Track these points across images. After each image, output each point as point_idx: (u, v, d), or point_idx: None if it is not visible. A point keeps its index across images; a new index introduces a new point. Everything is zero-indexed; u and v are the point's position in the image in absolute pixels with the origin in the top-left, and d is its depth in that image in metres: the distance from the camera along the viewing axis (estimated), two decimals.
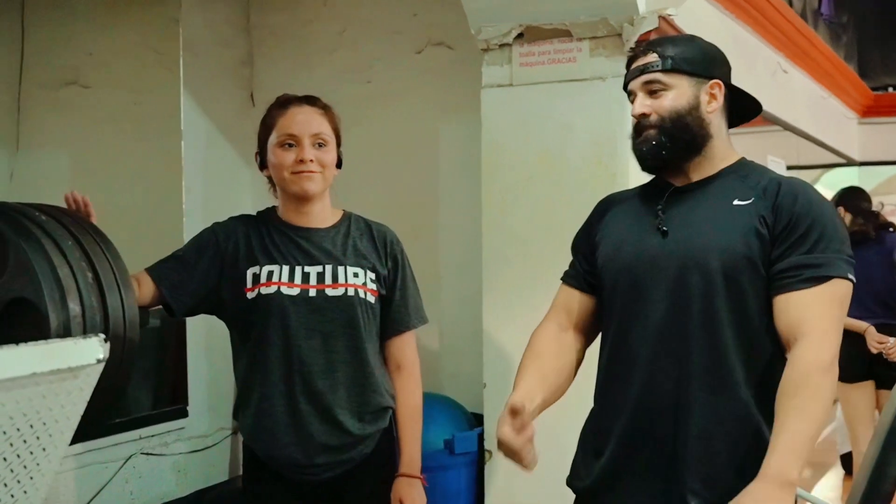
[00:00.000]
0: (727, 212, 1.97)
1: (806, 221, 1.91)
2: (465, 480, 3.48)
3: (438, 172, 4.03)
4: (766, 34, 5.12)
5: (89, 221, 1.78)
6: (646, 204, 2.11)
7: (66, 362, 1.31)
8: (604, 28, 3.26)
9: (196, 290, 2.31)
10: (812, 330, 1.85)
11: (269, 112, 2.41)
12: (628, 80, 2.12)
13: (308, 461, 2.30)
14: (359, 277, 2.34)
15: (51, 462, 1.42)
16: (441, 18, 3.93)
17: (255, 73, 4.40)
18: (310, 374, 2.28)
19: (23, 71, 4.59)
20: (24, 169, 4.62)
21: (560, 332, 2.17)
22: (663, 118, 2.02)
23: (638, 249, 2.03)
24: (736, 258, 1.93)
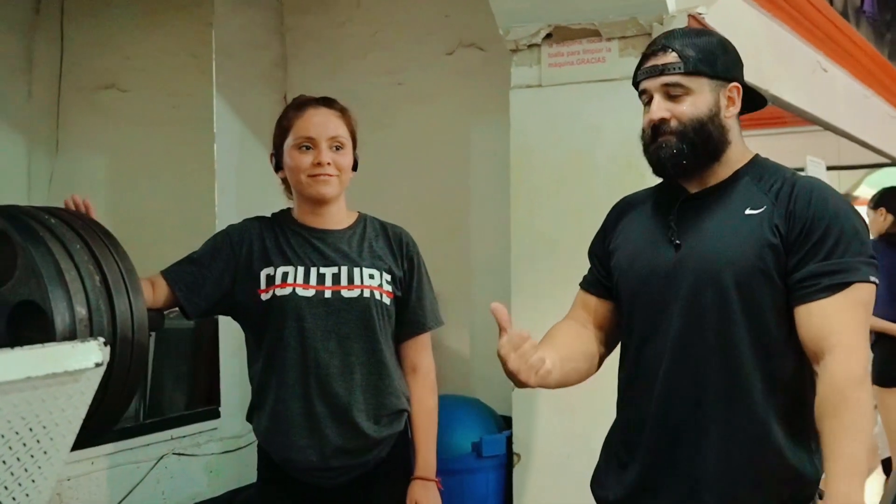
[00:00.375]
0: (739, 222, 1.91)
1: (821, 226, 1.84)
2: (493, 484, 3.46)
3: (469, 174, 4.02)
4: (805, 32, 5.03)
5: (100, 224, 1.79)
6: (659, 211, 2.05)
7: (62, 366, 1.32)
8: (633, 28, 3.23)
9: (210, 293, 2.31)
10: (839, 343, 1.79)
11: (285, 114, 2.41)
12: (642, 78, 2.02)
13: (323, 464, 2.29)
14: (374, 279, 2.33)
15: (53, 465, 1.43)
16: (472, 19, 3.92)
17: (289, 75, 4.43)
18: (326, 377, 2.27)
19: (62, 75, 4.67)
20: (63, 171, 4.69)
21: (580, 327, 2.14)
22: (684, 125, 1.94)
23: (652, 263, 1.98)
24: (749, 271, 1.87)
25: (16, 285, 1.54)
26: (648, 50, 2.04)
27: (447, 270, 4.12)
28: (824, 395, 1.79)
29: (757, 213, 1.90)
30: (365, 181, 4.23)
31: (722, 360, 1.88)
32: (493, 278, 3.82)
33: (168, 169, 4.43)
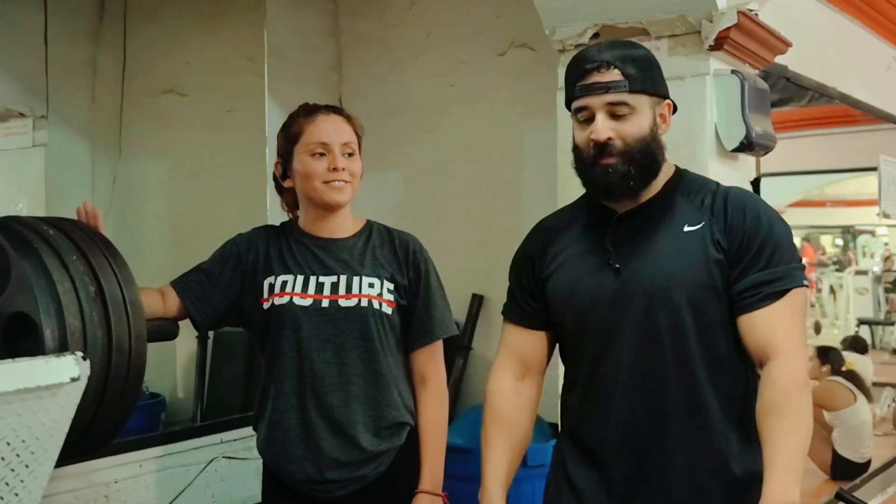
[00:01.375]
0: (681, 240, 1.90)
1: (758, 238, 1.88)
2: (539, 493, 3.38)
3: (521, 176, 3.97)
4: (878, 27, 4.85)
5: (101, 235, 1.78)
6: (590, 234, 1.98)
7: (34, 381, 1.30)
8: (682, 25, 3.13)
9: (219, 303, 2.29)
10: (782, 348, 1.84)
11: (292, 121, 2.36)
12: (583, 94, 1.91)
13: (320, 476, 2.24)
14: (374, 288, 2.26)
15: (37, 479, 1.42)
16: (523, 19, 3.86)
17: (343, 77, 4.42)
18: (322, 387, 2.23)
19: (124, 80, 4.74)
20: (125, 174, 4.76)
21: (516, 382, 2.09)
22: (629, 146, 1.89)
23: (595, 288, 1.92)
24: (701, 290, 1.88)
25: (9, 297, 1.54)
26: (584, 65, 1.92)
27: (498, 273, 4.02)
28: (767, 398, 1.83)
29: (696, 229, 1.90)
30: (418, 183, 4.25)
31: (680, 379, 1.88)
32: None
33: (224, 172, 4.47)
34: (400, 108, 4.22)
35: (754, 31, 3.17)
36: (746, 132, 3.12)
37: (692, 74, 3.15)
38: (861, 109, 4.79)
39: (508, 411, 2.07)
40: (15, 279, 1.53)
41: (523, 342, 2.08)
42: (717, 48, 3.11)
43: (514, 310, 2.09)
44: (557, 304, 1.98)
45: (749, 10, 3.09)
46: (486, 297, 4.04)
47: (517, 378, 2.08)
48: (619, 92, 1.87)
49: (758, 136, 3.15)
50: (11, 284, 1.53)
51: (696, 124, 3.15)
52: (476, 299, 4.03)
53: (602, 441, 1.93)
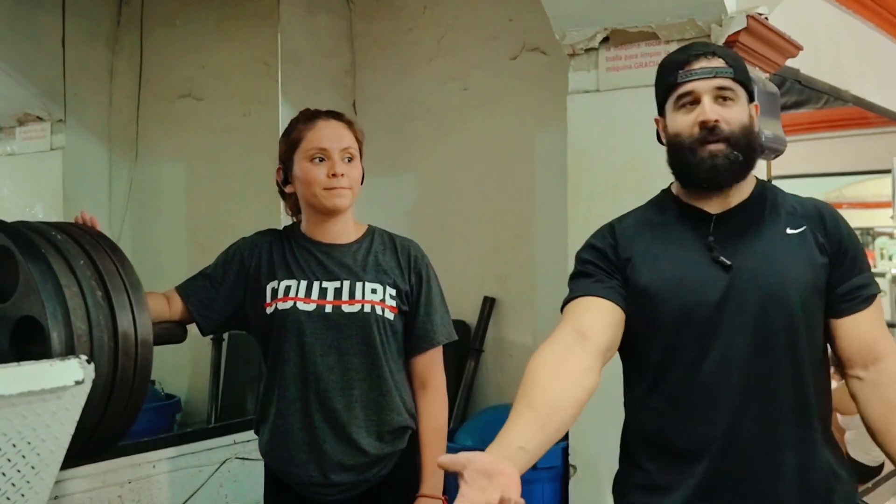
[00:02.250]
0: (786, 242, 1.88)
1: (850, 245, 1.92)
2: (548, 496, 3.40)
3: (534, 180, 3.97)
4: (891, 28, 4.83)
5: (108, 239, 1.81)
6: (683, 229, 1.93)
7: (39, 384, 1.33)
8: (692, 29, 3.13)
9: (223, 308, 2.30)
10: (890, 348, 1.90)
11: (292, 127, 2.37)
12: (690, 78, 1.88)
13: (323, 480, 2.26)
14: (377, 294, 2.28)
15: (43, 480, 1.44)
16: (535, 23, 3.86)
17: (357, 81, 4.44)
18: (325, 392, 2.24)
19: (141, 84, 4.78)
20: (142, 177, 4.80)
21: (564, 351, 1.79)
22: (734, 131, 1.85)
23: (702, 285, 1.86)
24: (810, 291, 1.87)
25: (17, 301, 1.57)
26: (689, 52, 1.92)
27: (512, 277, 4.09)
28: (890, 396, 1.87)
29: (798, 232, 1.90)
30: (431, 186, 4.26)
31: (792, 379, 1.86)
32: (556, 286, 3.74)
33: (241, 175, 4.50)
34: (414, 112, 4.23)
35: (764, 35, 3.18)
36: None
37: None
38: (875, 112, 4.78)
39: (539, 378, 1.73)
40: (23, 283, 1.55)
41: (587, 310, 1.88)
42: None
43: (589, 284, 1.93)
44: (656, 293, 1.87)
45: (759, 13, 3.10)
46: (498, 299, 4.05)
47: (567, 348, 1.79)
48: (725, 77, 1.87)
49: (768, 139, 3.14)
50: (19, 289, 1.56)
51: None
52: (488, 302, 4.05)
53: (704, 441, 1.85)
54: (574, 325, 1.84)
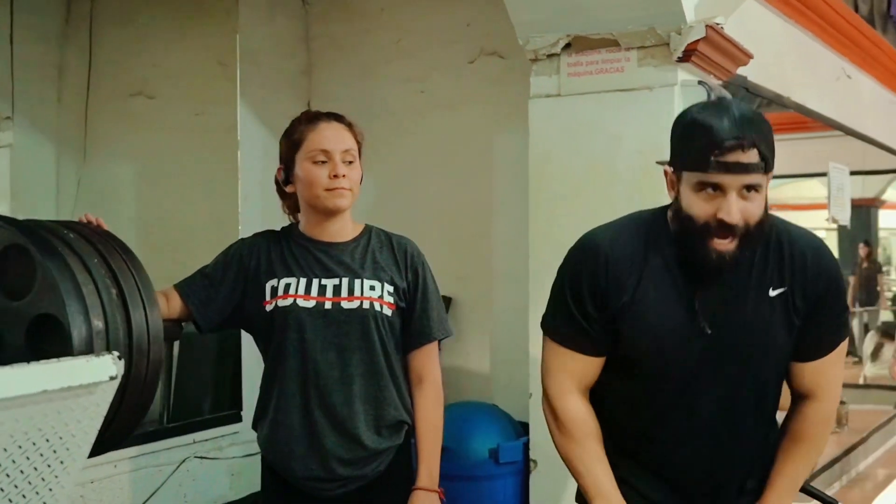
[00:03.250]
0: (768, 305, 1.93)
1: (830, 298, 1.97)
2: (510, 490, 3.48)
3: (492, 181, 4.05)
4: (830, 39, 5.02)
5: (117, 238, 1.83)
6: (674, 286, 1.94)
7: (77, 380, 1.36)
8: (652, 37, 3.23)
9: (222, 307, 2.33)
10: (828, 391, 2.05)
11: (294, 128, 2.40)
12: (721, 171, 1.79)
13: (323, 474, 2.30)
14: (375, 290, 2.32)
15: (69, 475, 1.47)
16: (493, 28, 3.95)
17: (314, 82, 4.48)
18: (325, 387, 2.29)
19: (91, 82, 4.74)
20: (91, 176, 4.77)
21: (586, 403, 2.04)
22: (751, 228, 1.83)
23: (685, 339, 1.93)
24: (782, 352, 1.98)
25: (34, 299, 1.58)
26: (723, 138, 1.79)
27: (469, 278, 4.16)
28: (798, 429, 2.06)
29: (780, 292, 1.93)
30: (389, 188, 4.31)
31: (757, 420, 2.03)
32: (513, 286, 3.85)
33: (194, 175, 4.49)
34: (371, 112, 4.26)
35: (720, 44, 3.30)
36: None
37: (660, 85, 3.25)
38: (814, 118, 4.96)
39: (594, 428, 2.02)
40: (41, 282, 1.57)
41: (585, 368, 2.02)
42: (686, 60, 3.22)
43: (576, 339, 1.99)
44: (640, 343, 1.95)
45: (716, 23, 3.21)
46: (456, 299, 4.12)
47: (583, 398, 2.03)
48: (755, 174, 1.80)
49: None
50: (37, 286, 1.58)
51: (664, 132, 3.16)
52: (445, 301, 4.11)
53: (679, 468, 2.01)
54: (577, 381, 2.02)
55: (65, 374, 1.33)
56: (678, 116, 1.97)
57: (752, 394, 1.98)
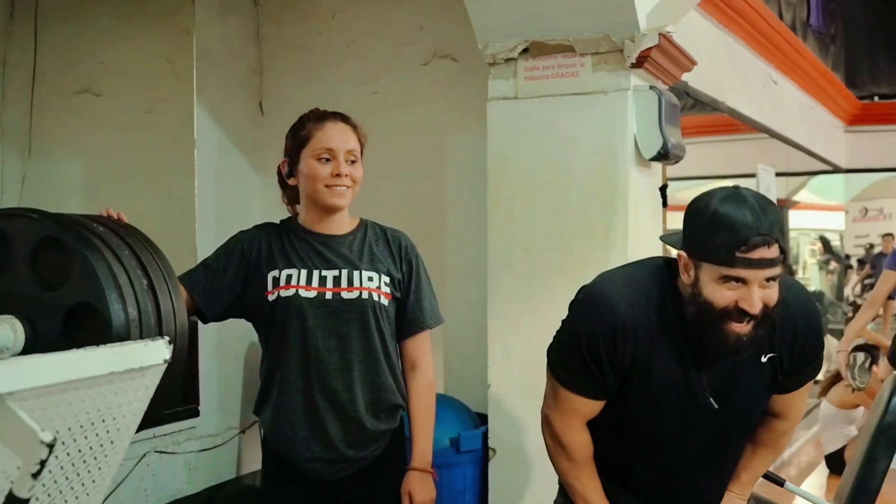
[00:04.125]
0: (759, 371, 2.15)
1: (811, 355, 2.22)
2: (470, 477, 3.61)
3: (446, 180, 4.16)
4: (758, 46, 5.29)
5: (140, 232, 1.91)
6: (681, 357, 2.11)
7: (138, 362, 1.45)
8: (606, 44, 3.40)
9: (225, 297, 2.44)
10: (795, 412, 2.36)
11: (302, 125, 2.52)
12: (743, 266, 1.95)
13: (325, 455, 2.43)
14: (373, 281, 2.48)
15: (117, 453, 1.55)
16: (447, 31, 4.06)
17: (265, 82, 4.53)
18: (326, 373, 2.42)
19: (35, 78, 4.71)
20: (35, 173, 4.74)
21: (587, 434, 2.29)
22: (767, 312, 2.00)
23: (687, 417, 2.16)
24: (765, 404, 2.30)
25: (71, 289, 1.66)
26: (749, 235, 1.94)
27: None
28: (765, 438, 2.38)
29: (769, 358, 2.15)
30: None
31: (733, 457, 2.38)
32: (467, 282, 3.97)
33: (144, 173, 4.50)
34: None
35: (670, 52, 3.48)
36: (663, 143, 3.41)
37: (614, 89, 3.43)
38: (745, 122, 5.22)
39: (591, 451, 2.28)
40: (79, 272, 1.65)
41: (592, 408, 2.23)
42: (638, 66, 3.40)
43: (589, 387, 2.17)
44: (642, 412, 2.18)
45: (668, 32, 3.39)
46: None
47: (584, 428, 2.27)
48: (777, 266, 1.97)
49: (672, 146, 3.45)
50: (76, 276, 1.65)
51: (618, 135, 3.42)
52: None
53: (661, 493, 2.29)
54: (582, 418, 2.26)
55: (127, 357, 1.42)
56: (697, 205, 2.05)
57: (739, 439, 2.31)
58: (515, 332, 3.56)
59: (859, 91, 8.83)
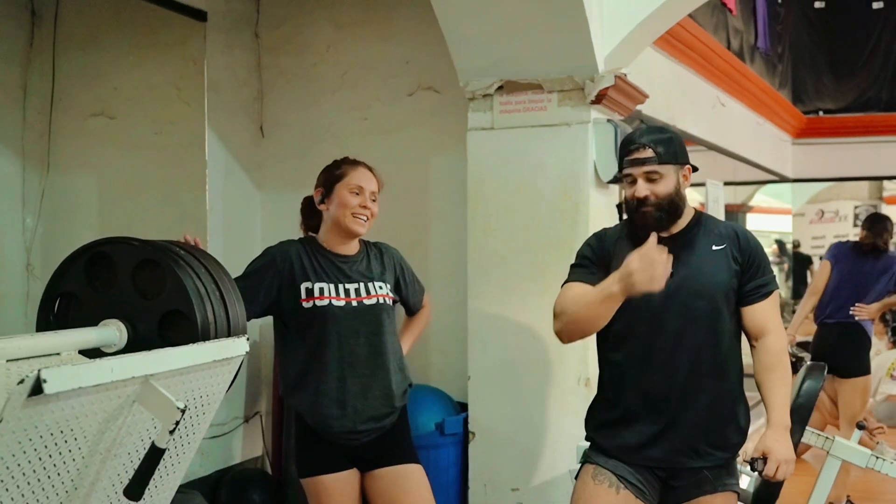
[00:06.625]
0: (712, 255, 2.75)
1: (756, 258, 2.79)
2: (453, 457, 4.17)
3: (428, 197, 4.67)
4: (706, 73, 5.85)
5: (209, 254, 2.42)
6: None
7: (229, 353, 1.97)
8: (570, 83, 3.95)
9: (263, 302, 3.01)
10: (774, 328, 2.78)
11: (338, 166, 3.12)
12: (628, 167, 2.73)
13: (353, 428, 3.01)
14: (382, 289, 3.12)
15: (202, 430, 2.07)
16: (430, 66, 4.58)
17: (265, 108, 5.02)
18: (357, 363, 3.04)
19: (54, 103, 5.18)
20: (54, 189, 5.20)
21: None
22: (661, 200, 2.70)
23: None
24: (726, 288, 2.75)
25: (165, 298, 2.17)
26: (629, 146, 2.76)
27: None
28: (767, 360, 2.74)
29: (720, 248, 2.77)
30: None
31: (711, 346, 2.73)
32: (449, 287, 4.50)
33: (154, 189, 4.98)
34: (318, 136, 4.84)
35: (625, 90, 4.03)
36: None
37: (577, 122, 3.97)
38: (695, 142, 5.79)
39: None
40: (171, 285, 2.16)
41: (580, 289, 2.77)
42: (597, 102, 3.95)
43: (582, 274, 2.79)
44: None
45: (622, 73, 3.95)
46: None
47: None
48: (651, 164, 2.70)
49: None
50: (168, 288, 2.16)
51: (580, 161, 3.97)
52: None
53: (654, 383, 2.72)
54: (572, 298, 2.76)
55: (223, 350, 1.95)
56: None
57: (705, 320, 2.70)
58: (492, 330, 4.10)
59: (805, 106, 9.46)
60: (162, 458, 1.84)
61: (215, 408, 2.08)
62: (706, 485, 2.74)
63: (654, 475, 2.75)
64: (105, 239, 2.31)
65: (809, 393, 3.23)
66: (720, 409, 2.75)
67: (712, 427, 2.74)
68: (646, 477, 2.74)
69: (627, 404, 2.76)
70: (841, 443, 3.66)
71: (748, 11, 7.42)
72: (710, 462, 2.73)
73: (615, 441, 2.76)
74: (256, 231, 5.02)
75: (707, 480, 2.74)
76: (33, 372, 1.52)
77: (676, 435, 2.71)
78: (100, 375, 1.62)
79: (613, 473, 2.73)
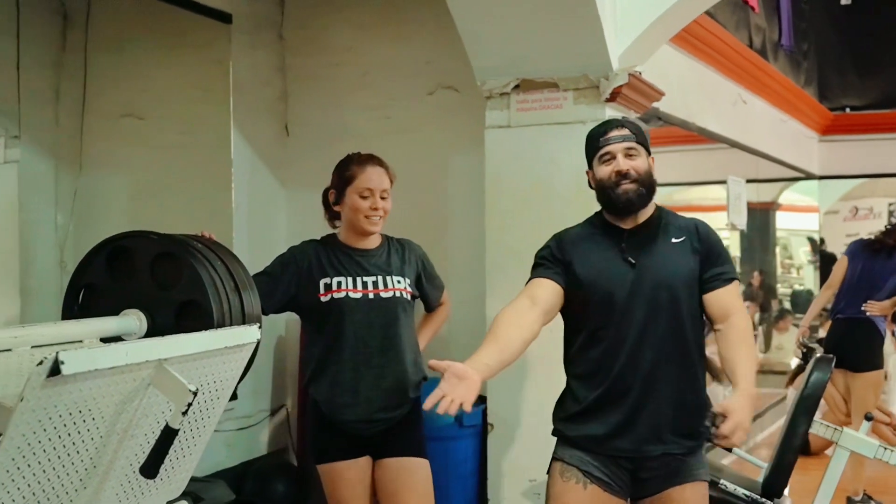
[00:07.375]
0: (672, 248, 2.83)
1: (716, 248, 2.89)
2: (471, 448, 4.25)
3: (447, 194, 4.76)
4: (727, 70, 5.89)
5: (225, 247, 2.52)
6: (605, 241, 2.85)
7: (240, 340, 2.07)
8: (584, 82, 4.02)
9: (281, 298, 3.12)
10: (737, 310, 2.84)
11: (347, 166, 3.19)
12: (607, 143, 2.81)
13: (368, 417, 3.10)
14: (401, 283, 3.20)
15: (216, 415, 2.18)
16: (450, 66, 4.65)
17: (290, 107, 5.13)
18: (372, 355, 3.12)
19: (85, 104, 5.31)
20: (86, 187, 5.34)
21: (527, 309, 2.75)
22: (640, 175, 2.79)
23: (616, 276, 2.79)
24: (687, 278, 2.83)
25: (182, 289, 2.27)
26: (606, 127, 2.87)
27: None
28: (733, 337, 2.78)
29: (680, 241, 2.85)
30: None
31: (673, 336, 2.79)
32: (467, 282, 4.57)
33: (181, 187, 5.09)
34: (340, 135, 4.92)
35: (639, 87, 4.10)
36: None
37: (591, 119, 3.99)
38: (714, 139, 5.82)
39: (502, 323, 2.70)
40: (188, 276, 2.27)
41: (545, 286, 2.80)
42: (612, 100, 4.01)
43: (541, 271, 2.85)
44: (587, 285, 2.78)
45: (636, 71, 4.01)
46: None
47: (526, 306, 2.75)
48: (631, 141, 2.80)
49: None
50: (185, 280, 2.27)
51: None
52: None
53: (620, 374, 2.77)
54: (528, 293, 2.82)
55: (234, 336, 2.05)
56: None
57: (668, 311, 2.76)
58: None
59: (831, 103, 9.46)
60: (177, 440, 1.94)
61: (229, 393, 2.18)
62: (675, 476, 2.79)
63: (620, 468, 2.79)
64: (125, 233, 2.43)
65: (817, 384, 3.29)
66: (685, 398, 2.80)
67: (678, 415, 2.79)
68: (612, 470, 2.79)
69: (595, 396, 2.81)
70: (849, 433, 3.71)
71: (772, 9, 7.45)
72: (677, 450, 2.78)
73: (581, 431, 2.81)
74: (281, 228, 5.12)
75: (675, 472, 2.79)
76: (52, 354, 1.63)
77: (643, 424, 2.75)
78: (115, 358, 1.72)
79: (579, 469, 2.79)
